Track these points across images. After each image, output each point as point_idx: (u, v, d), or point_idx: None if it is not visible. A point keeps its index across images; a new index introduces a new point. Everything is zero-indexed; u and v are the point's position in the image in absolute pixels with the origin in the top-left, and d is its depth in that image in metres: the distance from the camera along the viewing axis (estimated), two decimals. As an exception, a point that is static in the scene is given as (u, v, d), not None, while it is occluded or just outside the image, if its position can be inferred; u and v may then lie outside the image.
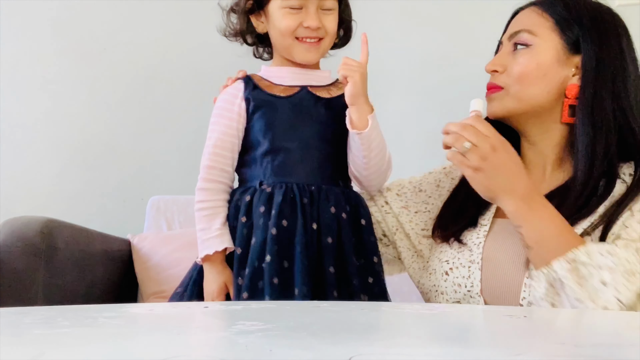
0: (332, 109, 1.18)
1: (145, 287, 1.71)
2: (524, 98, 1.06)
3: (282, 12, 1.20)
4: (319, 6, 1.20)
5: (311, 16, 1.19)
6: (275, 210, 1.12)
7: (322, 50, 1.23)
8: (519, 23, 1.10)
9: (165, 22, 2.09)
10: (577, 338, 0.53)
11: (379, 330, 0.60)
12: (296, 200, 1.14)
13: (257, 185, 1.17)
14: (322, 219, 1.13)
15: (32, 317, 0.62)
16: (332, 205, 1.15)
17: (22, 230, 1.37)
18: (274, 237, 1.11)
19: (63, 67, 2.07)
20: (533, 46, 1.06)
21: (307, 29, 1.19)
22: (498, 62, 1.09)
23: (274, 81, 1.24)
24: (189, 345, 0.46)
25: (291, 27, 1.19)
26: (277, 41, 1.23)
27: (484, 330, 0.58)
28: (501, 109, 1.08)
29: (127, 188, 2.05)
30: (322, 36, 1.20)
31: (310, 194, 1.15)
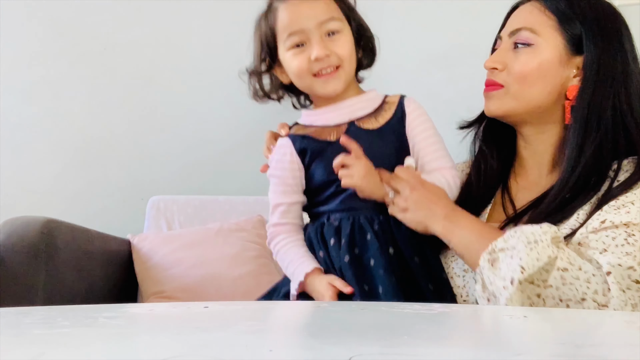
0: (383, 137, 1.14)
1: (145, 287, 1.71)
2: (523, 98, 1.05)
3: (289, 54, 1.16)
4: (323, 33, 1.15)
5: (315, 47, 1.13)
6: (345, 239, 1.11)
7: (344, 78, 1.16)
8: (520, 19, 1.07)
9: (165, 22, 2.09)
10: (577, 338, 0.53)
11: (379, 330, 0.60)
12: (365, 229, 1.11)
13: (325, 219, 1.15)
14: (401, 243, 1.10)
15: (32, 317, 0.62)
16: (405, 229, 1.10)
17: (22, 230, 1.37)
18: (347, 264, 1.09)
19: (63, 67, 2.07)
20: (535, 45, 1.04)
21: (317, 62, 1.13)
22: (498, 59, 1.07)
23: (318, 124, 1.19)
24: (189, 345, 0.46)
25: (302, 66, 1.14)
26: (299, 85, 1.19)
27: (484, 330, 0.58)
28: (500, 108, 1.07)
29: (127, 188, 2.05)
30: (336, 63, 1.14)
31: (380, 222, 1.12)
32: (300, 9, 1.15)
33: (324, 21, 1.13)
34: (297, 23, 1.14)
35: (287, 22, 1.15)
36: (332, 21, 1.14)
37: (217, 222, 1.83)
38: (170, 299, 1.67)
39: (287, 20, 1.15)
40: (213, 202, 1.92)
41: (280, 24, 1.16)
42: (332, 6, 1.16)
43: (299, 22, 1.14)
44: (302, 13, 1.14)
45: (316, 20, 1.13)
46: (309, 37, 1.14)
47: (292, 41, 1.14)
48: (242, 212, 1.88)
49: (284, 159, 1.20)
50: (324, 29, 1.14)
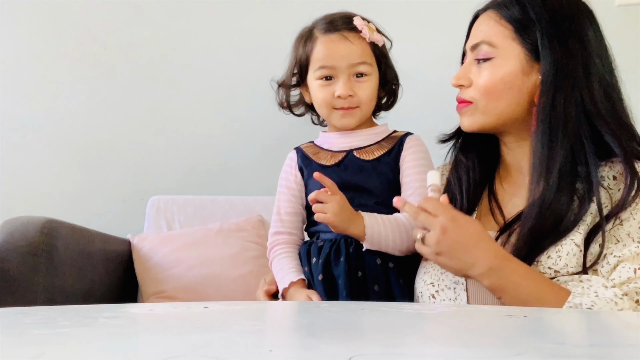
0: (377, 169, 1.21)
1: (145, 287, 1.71)
2: (493, 112, 1.04)
3: (317, 84, 1.24)
4: (352, 73, 1.22)
5: (341, 86, 1.21)
6: (322, 260, 1.18)
7: (359, 117, 1.24)
8: (479, 32, 1.06)
9: (165, 22, 2.09)
10: (577, 338, 0.53)
11: (379, 330, 0.60)
12: (340, 252, 1.18)
13: (315, 238, 1.24)
14: (368, 269, 1.17)
15: (32, 317, 0.62)
16: (377, 257, 1.17)
17: (22, 230, 1.37)
18: (319, 282, 1.17)
19: (63, 67, 2.07)
20: (495, 59, 1.03)
21: (340, 99, 1.21)
22: (462, 76, 1.07)
23: (324, 146, 1.29)
24: (189, 345, 0.46)
25: (326, 99, 1.23)
26: (319, 112, 1.28)
27: (484, 330, 0.58)
28: (473, 124, 1.07)
29: (127, 188, 2.05)
30: (355, 105, 1.22)
31: (356, 244, 1.18)
32: (337, 46, 1.23)
33: (355, 64, 1.22)
34: (331, 59, 1.22)
35: (322, 55, 1.23)
36: (362, 65, 1.23)
37: (217, 222, 1.83)
38: (170, 299, 1.67)
39: (322, 54, 1.23)
40: (213, 202, 1.92)
41: (316, 54, 1.24)
42: (367, 51, 1.24)
43: (332, 59, 1.22)
44: (337, 51, 1.22)
45: (348, 61, 1.21)
46: (338, 74, 1.22)
47: (322, 73, 1.23)
48: (242, 212, 1.88)
49: (289, 169, 1.30)
50: (353, 70, 1.22)
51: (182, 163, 2.07)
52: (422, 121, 1.91)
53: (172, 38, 2.09)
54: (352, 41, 1.22)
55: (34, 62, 2.07)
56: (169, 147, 2.07)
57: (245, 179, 2.05)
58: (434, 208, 0.95)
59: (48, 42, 2.08)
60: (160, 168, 2.07)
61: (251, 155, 2.05)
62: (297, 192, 1.29)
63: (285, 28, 2.08)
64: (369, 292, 1.16)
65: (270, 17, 2.08)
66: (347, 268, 1.17)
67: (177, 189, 2.01)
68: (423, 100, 2.00)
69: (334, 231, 1.16)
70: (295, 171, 1.29)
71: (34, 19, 2.08)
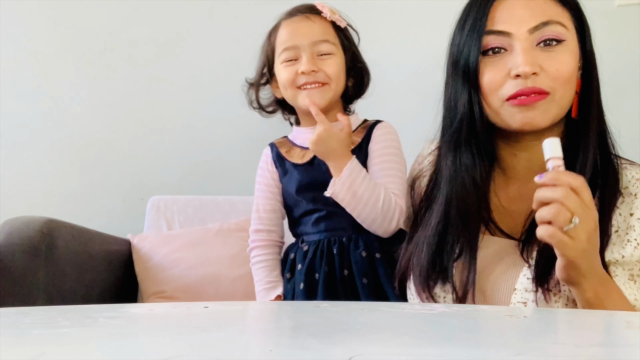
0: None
1: (145, 287, 1.71)
2: (566, 103, 0.94)
3: (282, 67, 1.25)
4: (314, 52, 1.23)
5: (304, 62, 1.21)
6: (305, 267, 1.21)
7: (327, 95, 1.23)
8: (539, 12, 0.91)
9: (165, 22, 2.09)
10: (577, 338, 0.53)
11: (379, 330, 0.60)
12: (324, 254, 1.21)
13: (299, 243, 1.27)
14: (353, 264, 1.19)
15: (32, 317, 0.62)
16: (362, 250, 1.19)
17: (22, 230, 1.37)
18: (301, 291, 1.20)
19: (63, 67, 2.07)
20: (567, 42, 0.92)
21: (304, 75, 1.21)
22: (534, 62, 0.90)
23: (297, 142, 1.30)
24: (189, 345, 0.46)
25: (290, 77, 1.23)
26: (286, 97, 1.27)
27: (484, 330, 0.58)
28: (548, 118, 0.92)
29: (127, 188, 2.05)
30: (322, 81, 1.22)
31: (339, 244, 1.20)
32: (298, 26, 1.24)
33: (317, 41, 1.23)
34: (292, 39, 1.23)
35: (285, 38, 1.25)
36: (325, 43, 1.23)
37: (217, 222, 1.83)
38: (170, 299, 1.67)
39: (285, 37, 1.25)
40: (213, 202, 1.92)
41: (279, 39, 1.26)
42: (329, 31, 1.25)
43: (294, 39, 1.23)
44: (298, 31, 1.24)
45: (310, 39, 1.22)
46: (301, 53, 1.22)
47: (286, 55, 1.24)
48: (242, 212, 1.88)
49: (265, 166, 1.32)
50: (316, 49, 1.23)
51: (182, 163, 2.07)
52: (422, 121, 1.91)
53: (172, 38, 2.09)
54: (313, 20, 1.24)
55: (34, 62, 2.07)
56: (169, 147, 2.07)
57: (245, 179, 2.04)
58: (590, 196, 0.77)
59: (48, 42, 2.08)
60: (160, 168, 2.07)
61: (251, 155, 2.05)
62: (274, 189, 1.30)
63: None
64: (357, 288, 1.17)
65: (270, 17, 2.07)
66: (329, 269, 1.19)
67: (177, 189, 2.01)
68: (422, 100, 2.00)
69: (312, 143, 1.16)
70: (272, 167, 1.30)
71: (34, 19, 2.08)
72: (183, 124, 2.08)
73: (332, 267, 1.19)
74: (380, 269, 1.18)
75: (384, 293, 1.17)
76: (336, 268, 1.18)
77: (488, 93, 0.94)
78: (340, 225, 1.22)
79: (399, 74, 1.98)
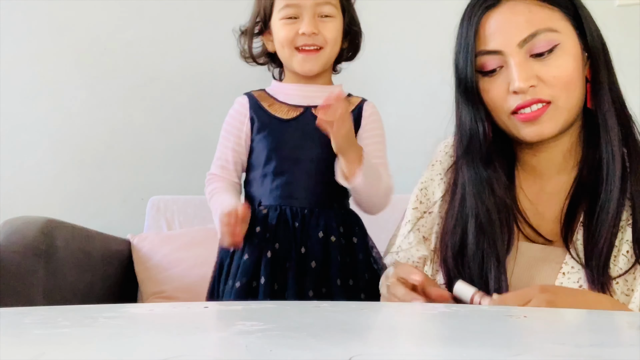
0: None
1: (145, 287, 1.71)
2: (572, 106, 0.92)
3: (280, 23, 1.21)
4: (316, 13, 1.20)
5: (306, 23, 1.18)
6: (271, 234, 1.15)
7: (322, 60, 1.21)
8: (524, 23, 0.90)
9: (165, 22, 2.09)
10: (577, 338, 0.53)
11: (379, 330, 0.60)
12: (289, 225, 1.16)
13: (256, 206, 1.20)
14: (309, 243, 1.15)
15: (32, 317, 0.62)
16: (320, 230, 1.16)
17: (22, 230, 1.37)
18: (268, 260, 1.14)
19: (63, 67, 2.07)
20: (561, 44, 0.91)
21: (304, 36, 1.18)
22: (530, 75, 0.89)
23: (279, 98, 1.24)
24: (189, 345, 0.46)
25: (289, 36, 1.20)
26: (280, 54, 1.24)
27: (484, 330, 0.58)
28: (556, 127, 0.92)
29: (127, 188, 2.05)
30: (320, 44, 1.20)
31: (302, 218, 1.17)
32: None
33: (320, 3, 1.19)
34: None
35: None
36: (327, 5, 1.20)
37: (217, 222, 1.83)
38: (170, 299, 1.67)
39: None
40: (213, 202, 1.91)
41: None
42: None
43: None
44: None
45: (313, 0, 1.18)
46: (302, 13, 1.19)
47: (286, 12, 1.20)
48: (242, 212, 1.88)
49: (237, 117, 1.25)
50: (317, 10, 1.19)
51: (182, 163, 2.07)
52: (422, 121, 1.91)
53: (172, 38, 2.09)
54: None
55: (34, 62, 2.07)
56: (169, 147, 2.07)
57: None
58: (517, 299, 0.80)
59: (48, 42, 2.08)
60: (160, 168, 2.07)
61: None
62: (242, 142, 1.24)
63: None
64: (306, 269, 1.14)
65: (270, 17, 2.08)
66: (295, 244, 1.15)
67: (177, 189, 2.01)
68: (423, 101, 2.00)
69: (335, 143, 1.10)
70: (246, 119, 1.23)
71: (34, 19, 2.08)
72: (183, 124, 2.08)
73: (287, 242, 1.15)
74: (333, 252, 1.15)
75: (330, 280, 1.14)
76: (297, 244, 1.15)
77: (493, 109, 0.94)
78: (299, 194, 1.18)
79: (399, 74, 1.98)
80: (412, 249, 1.02)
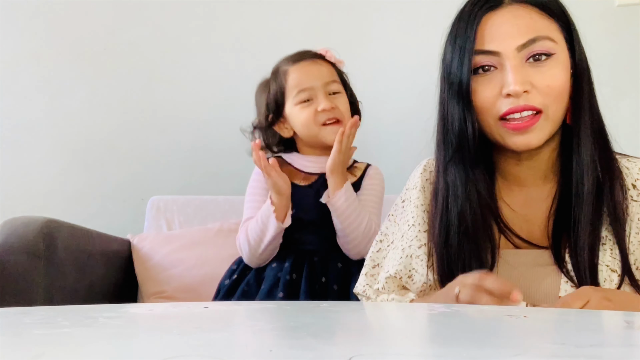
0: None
1: (145, 287, 1.71)
2: (559, 118, 0.93)
3: (298, 108, 1.35)
4: (327, 91, 1.35)
5: (322, 100, 1.33)
6: (288, 263, 1.33)
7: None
8: (525, 28, 0.90)
9: (165, 22, 2.09)
10: (577, 338, 0.53)
11: (379, 330, 0.60)
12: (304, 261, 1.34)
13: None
14: (330, 273, 1.33)
15: (32, 317, 0.62)
16: (339, 262, 1.35)
17: (22, 230, 1.37)
18: (285, 283, 1.31)
19: (63, 67, 2.07)
20: (556, 55, 0.91)
21: (324, 112, 1.33)
22: (525, 80, 0.89)
23: (297, 166, 1.42)
24: (189, 345, 0.46)
25: (310, 117, 1.34)
26: (304, 135, 1.38)
27: (484, 330, 0.58)
28: (542, 139, 0.92)
29: (127, 188, 2.05)
30: (339, 117, 1.35)
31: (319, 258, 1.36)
32: (309, 69, 1.36)
33: (329, 82, 1.35)
34: (307, 82, 1.34)
35: (298, 80, 1.35)
36: (334, 83, 1.37)
37: (217, 222, 1.83)
38: (170, 299, 1.67)
39: (298, 79, 1.35)
40: (213, 202, 1.91)
41: (291, 82, 1.36)
42: (334, 72, 1.39)
43: (309, 81, 1.34)
44: (311, 73, 1.35)
45: (323, 80, 1.35)
46: (316, 93, 1.34)
47: (301, 97, 1.34)
48: (242, 212, 1.88)
49: (262, 179, 1.39)
50: (328, 88, 1.35)
51: (182, 163, 2.07)
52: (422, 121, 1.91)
53: (172, 38, 2.09)
54: (320, 63, 1.36)
55: (34, 62, 2.07)
56: (169, 147, 2.07)
57: (245, 179, 2.04)
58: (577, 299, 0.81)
59: (48, 42, 2.08)
60: (160, 168, 2.07)
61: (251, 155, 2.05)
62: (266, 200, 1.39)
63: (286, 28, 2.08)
64: (327, 292, 1.31)
65: (270, 17, 2.08)
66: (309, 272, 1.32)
67: (177, 189, 2.01)
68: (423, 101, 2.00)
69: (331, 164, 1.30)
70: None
71: (34, 19, 2.08)
72: (183, 124, 2.08)
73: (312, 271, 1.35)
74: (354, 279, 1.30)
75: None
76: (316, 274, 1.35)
77: (482, 112, 0.93)
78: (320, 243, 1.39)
79: (399, 74, 1.98)
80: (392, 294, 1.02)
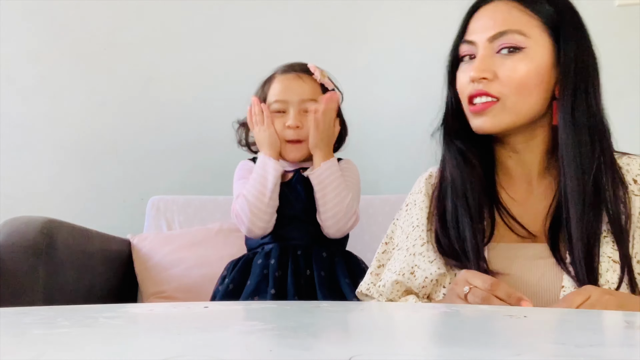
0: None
1: (145, 287, 1.71)
2: (521, 110, 0.95)
3: (272, 116, 1.39)
4: (302, 109, 1.37)
5: (292, 117, 1.36)
6: (274, 259, 1.34)
7: (303, 151, 1.38)
8: (499, 21, 0.95)
9: (165, 22, 2.09)
10: (577, 338, 0.53)
11: (379, 330, 0.60)
12: (289, 257, 1.35)
13: (260, 249, 1.41)
14: (314, 263, 1.34)
15: (32, 317, 0.62)
16: (323, 252, 1.37)
17: (22, 230, 1.37)
18: (275, 279, 1.32)
19: (63, 67, 2.07)
20: (527, 49, 0.94)
21: (289, 129, 1.36)
22: (486, 68, 0.94)
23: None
24: (189, 345, 0.46)
25: (279, 129, 1.37)
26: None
27: (484, 330, 0.58)
28: (498, 124, 0.96)
29: (127, 188, 2.05)
30: (303, 138, 1.37)
31: (302, 252, 1.37)
32: (289, 84, 1.38)
33: (305, 100, 1.37)
34: (284, 94, 1.37)
35: (277, 91, 1.38)
36: (311, 102, 1.36)
37: (217, 222, 1.83)
38: (170, 299, 1.67)
39: (277, 90, 1.38)
40: (213, 202, 1.92)
41: (272, 91, 1.39)
42: (317, 90, 1.39)
43: (285, 94, 1.37)
44: (290, 87, 1.37)
45: (299, 97, 1.36)
46: (289, 108, 1.36)
47: (275, 107, 1.38)
48: (242, 212, 1.88)
49: (248, 167, 1.46)
50: (302, 106, 1.36)
51: (182, 163, 2.07)
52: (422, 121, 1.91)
53: (172, 38, 2.09)
54: (304, 80, 1.37)
55: (34, 62, 2.07)
56: (169, 147, 2.07)
57: (245, 179, 2.05)
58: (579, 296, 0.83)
59: (48, 42, 2.08)
60: (160, 168, 2.07)
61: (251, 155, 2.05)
62: None
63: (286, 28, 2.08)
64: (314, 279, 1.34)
65: (270, 17, 2.08)
66: (294, 267, 1.33)
67: (177, 189, 2.01)
68: (423, 101, 2.00)
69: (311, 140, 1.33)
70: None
71: (34, 19, 2.08)
72: (183, 124, 2.08)
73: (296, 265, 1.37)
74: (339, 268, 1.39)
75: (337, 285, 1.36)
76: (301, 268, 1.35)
77: (460, 95, 1.02)
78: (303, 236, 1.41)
79: (399, 74, 1.98)
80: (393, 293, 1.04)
